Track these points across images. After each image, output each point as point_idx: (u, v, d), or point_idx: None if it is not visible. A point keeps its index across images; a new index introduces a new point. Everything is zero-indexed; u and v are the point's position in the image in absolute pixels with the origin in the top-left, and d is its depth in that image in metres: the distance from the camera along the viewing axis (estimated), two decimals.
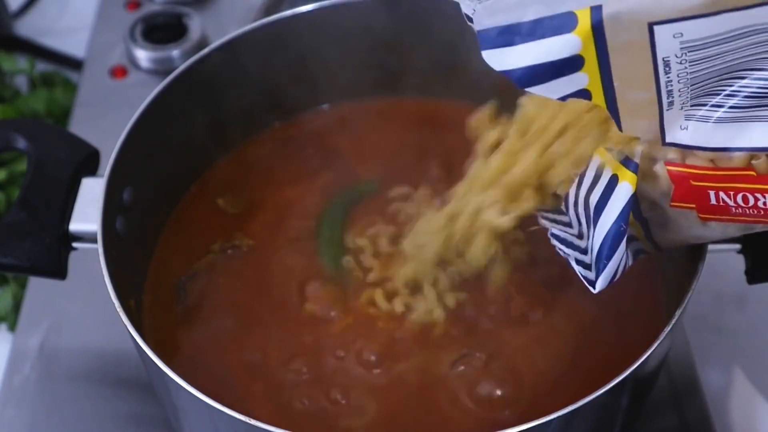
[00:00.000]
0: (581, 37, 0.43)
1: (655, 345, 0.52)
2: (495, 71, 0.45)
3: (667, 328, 0.53)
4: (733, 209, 0.48)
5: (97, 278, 0.57)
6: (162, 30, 0.93)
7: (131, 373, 0.70)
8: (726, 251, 0.62)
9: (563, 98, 0.45)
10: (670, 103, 0.46)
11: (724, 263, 0.66)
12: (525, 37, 0.44)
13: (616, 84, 0.45)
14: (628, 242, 0.50)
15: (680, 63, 0.44)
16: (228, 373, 0.62)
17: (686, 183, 0.48)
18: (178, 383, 0.52)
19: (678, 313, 0.54)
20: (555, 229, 0.56)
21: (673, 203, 0.50)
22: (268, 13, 0.88)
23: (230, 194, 0.71)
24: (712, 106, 0.46)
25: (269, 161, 0.73)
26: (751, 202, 0.47)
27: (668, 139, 0.47)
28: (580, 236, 0.54)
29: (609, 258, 0.49)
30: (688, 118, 0.46)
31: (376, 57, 0.74)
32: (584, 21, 0.43)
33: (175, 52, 0.91)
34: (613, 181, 0.49)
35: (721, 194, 0.48)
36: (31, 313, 0.75)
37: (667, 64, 0.44)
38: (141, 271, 0.67)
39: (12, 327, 0.78)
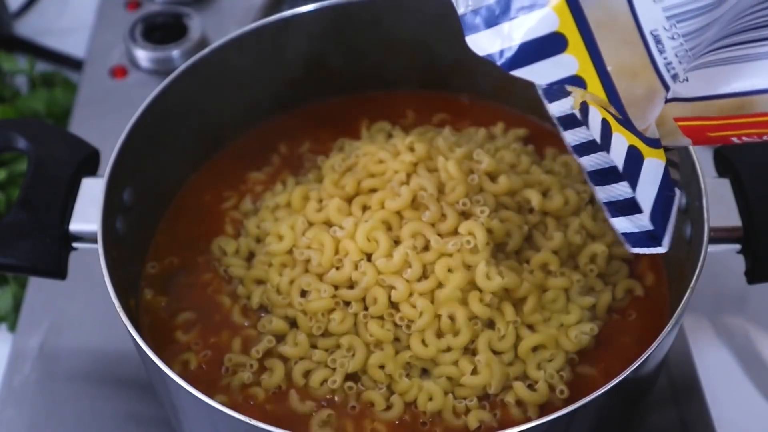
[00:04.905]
0: (557, 12, 0.40)
1: (655, 345, 0.52)
2: None
3: (667, 328, 0.53)
4: (761, 140, 0.45)
5: (97, 278, 0.57)
6: (162, 30, 0.93)
7: (131, 373, 0.70)
8: (726, 251, 0.62)
9: (554, 84, 0.42)
10: (674, 77, 0.43)
11: (724, 263, 0.66)
12: (502, 18, 0.41)
13: (609, 68, 0.42)
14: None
15: (672, 38, 0.41)
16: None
17: (703, 135, 0.46)
18: (178, 383, 0.52)
19: (678, 313, 0.54)
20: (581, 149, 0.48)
21: (695, 145, 0.47)
22: (268, 13, 0.88)
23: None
24: (709, 53, 0.43)
25: (266, 158, 0.73)
26: None
27: (668, 95, 0.44)
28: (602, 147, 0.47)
29: (666, 221, 0.46)
30: (687, 71, 0.44)
31: (377, 55, 0.75)
32: None
33: (175, 52, 0.91)
34: (636, 154, 0.44)
35: (745, 138, 0.45)
36: (31, 313, 0.75)
37: (658, 40, 0.41)
38: (140, 271, 0.67)
39: (12, 327, 0.78)
